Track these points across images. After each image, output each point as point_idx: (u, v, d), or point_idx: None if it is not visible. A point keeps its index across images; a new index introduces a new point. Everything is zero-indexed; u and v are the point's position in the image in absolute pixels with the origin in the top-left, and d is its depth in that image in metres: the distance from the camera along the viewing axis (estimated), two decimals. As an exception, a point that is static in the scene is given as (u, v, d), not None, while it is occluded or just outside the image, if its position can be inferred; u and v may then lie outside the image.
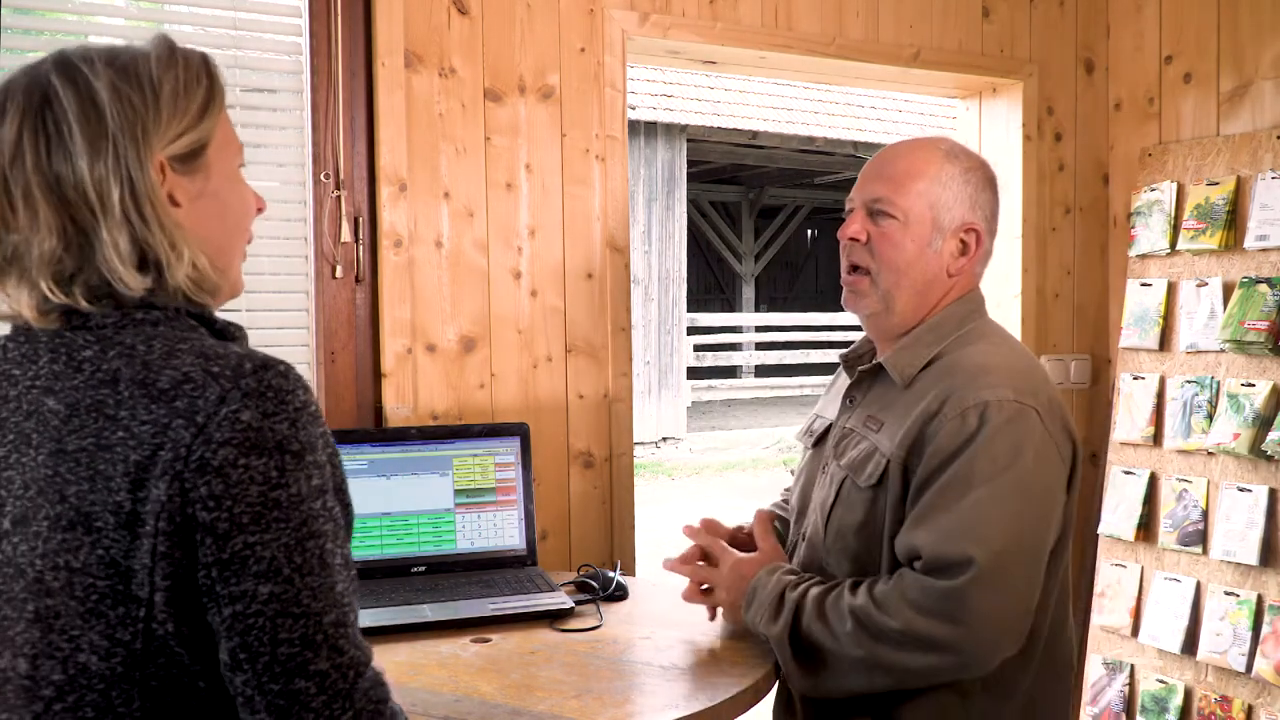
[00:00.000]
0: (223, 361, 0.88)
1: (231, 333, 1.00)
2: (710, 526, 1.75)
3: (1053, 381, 1.57)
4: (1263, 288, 2.43)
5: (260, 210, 1.07)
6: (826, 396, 1.80)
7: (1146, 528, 2.65)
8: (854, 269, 1.59)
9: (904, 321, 1.58)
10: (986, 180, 1.60)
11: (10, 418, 0.92)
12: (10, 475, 0.90)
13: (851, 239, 1.57)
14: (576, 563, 2.26)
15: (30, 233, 0.90)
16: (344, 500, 0.95)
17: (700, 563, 1.68)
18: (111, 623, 0.86)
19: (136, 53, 0.95)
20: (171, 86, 0.94)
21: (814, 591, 1.47)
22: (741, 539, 1.74)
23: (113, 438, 0.86)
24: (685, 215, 11.73)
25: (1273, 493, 2.39)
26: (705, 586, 1.65)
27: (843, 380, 1.74)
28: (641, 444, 10.85)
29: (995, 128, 2.88)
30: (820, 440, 1.69)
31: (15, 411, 0.92)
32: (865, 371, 1.62)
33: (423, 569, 1.94)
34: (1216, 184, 2.59)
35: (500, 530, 2.00)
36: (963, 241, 1.57)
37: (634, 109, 10.69)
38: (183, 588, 0.86)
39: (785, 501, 1.85)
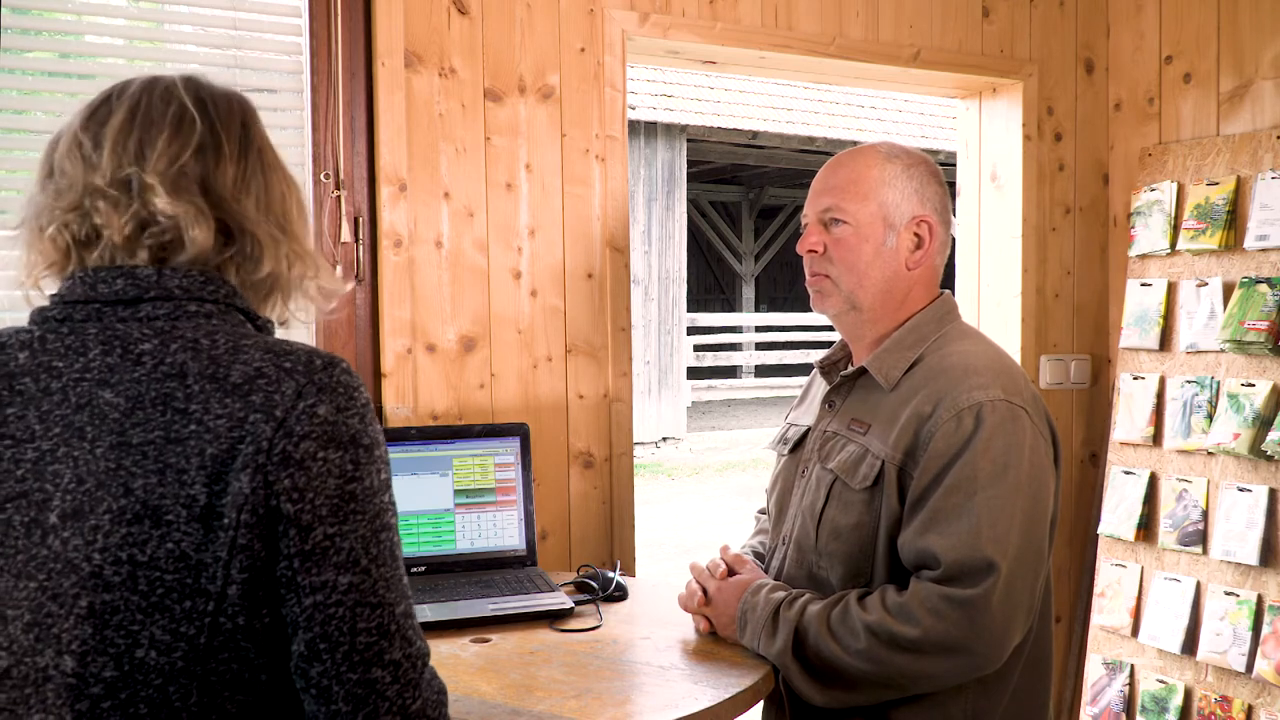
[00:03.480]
0: (293, 357, 0.91)
1: (269, 329, 1.01)
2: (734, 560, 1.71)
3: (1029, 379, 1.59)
4: (1263, 288, 2.43)
5: None
6: (800, 405, 1.81)
7: (1146, 528, 2.65)
8: (815, 274, 1.64)
9: (875, 320, 1.62)
10: (930, 173, 1.63)
11: (55, 410, 0.90)
12: (58, 469, 0.88)
13: (810, 251, 1.63)
14: (576, 563, 2.26)
15: (190, 225, 0.95)
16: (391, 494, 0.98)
17: (700, 588, 1.66)
18: (176, 617, 0.86)
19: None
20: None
21: (814, 608, 1.48)
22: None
23: (184, 431, 0.87)
24: (685, 215, 11.73)
25: (1273, 493, 2.39)
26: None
27: (818, 387, 1.77)
28: (641, 444, 10.85)
29: (995, 128, 2.88)
30: (796, 447, 1.71)
31: (61, 404, 0.90)
32: (846, 376, 1.64)
33: (422, 569, 1.94)
34: (1216, 184, 2.59)
35: (500, 530, 2.00)
36: (916, 235, 1.61)
37: (634, 109, 10.70)
38: (259, 580, 0.87)
39: (761, 544, 1.84)
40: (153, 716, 0.86)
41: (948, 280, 2.12)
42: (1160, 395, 2.66)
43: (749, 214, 16.47)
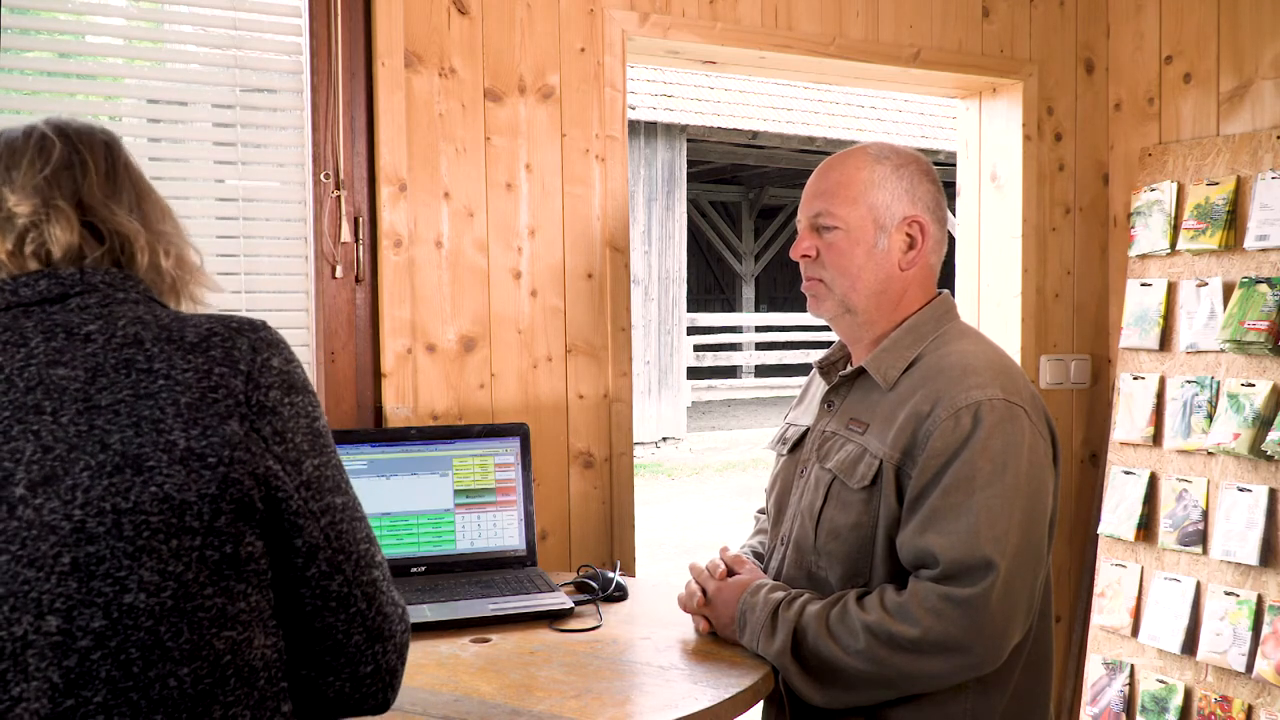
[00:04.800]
0: (235, 320, 1.01)
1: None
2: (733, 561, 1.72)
3: (1028, 378, 1.59)
4: (1263, 288, 2.43)
5: None
6: (799, 406, 1.81)
7: (1146, 528, 2.65)
8: (810, 279, 1.65)
9: (870, 321, 1.62)
10: (922, 172, 1.63)
11: (4, 396, 0.94)
12: (16, 446, 0.92)
13: (803, 257, 1.63)
14: (576, 563, 2.26)
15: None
16: None
17: (699, 589, 1.66)
18: (164, 557, 0.91)
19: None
20: None
21: (813, 608, 1.48)
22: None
23: (154, 386, 0.94)
24: (685, 215, 11.73)
25: (1273, 493, 2.39)
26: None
27: (816, 387, 1.77)
28: (641, 444, 10.85)
29: (995, 128, 2.88)
30: (795, 447, 1.71)
31: (8, 391, 0.94)
32: (845, 376, 1.64)
33: (422, 569, 1.94)
34: (1216, 184, 2.59)
35: (500, 530, 2.00)
36: (909, 235, 1.60)
37: (634, 109, 10.70)
38: (245, 513, 0.95)
39: (760, 544, 1.84)
40: (144, 660, 0.90)
41: (947, 280, 2.12)
42: (1160, 395, 2.66)
43: (749, 214, 16.47)
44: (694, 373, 13.03)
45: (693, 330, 12.87)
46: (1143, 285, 2.73)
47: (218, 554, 0.93)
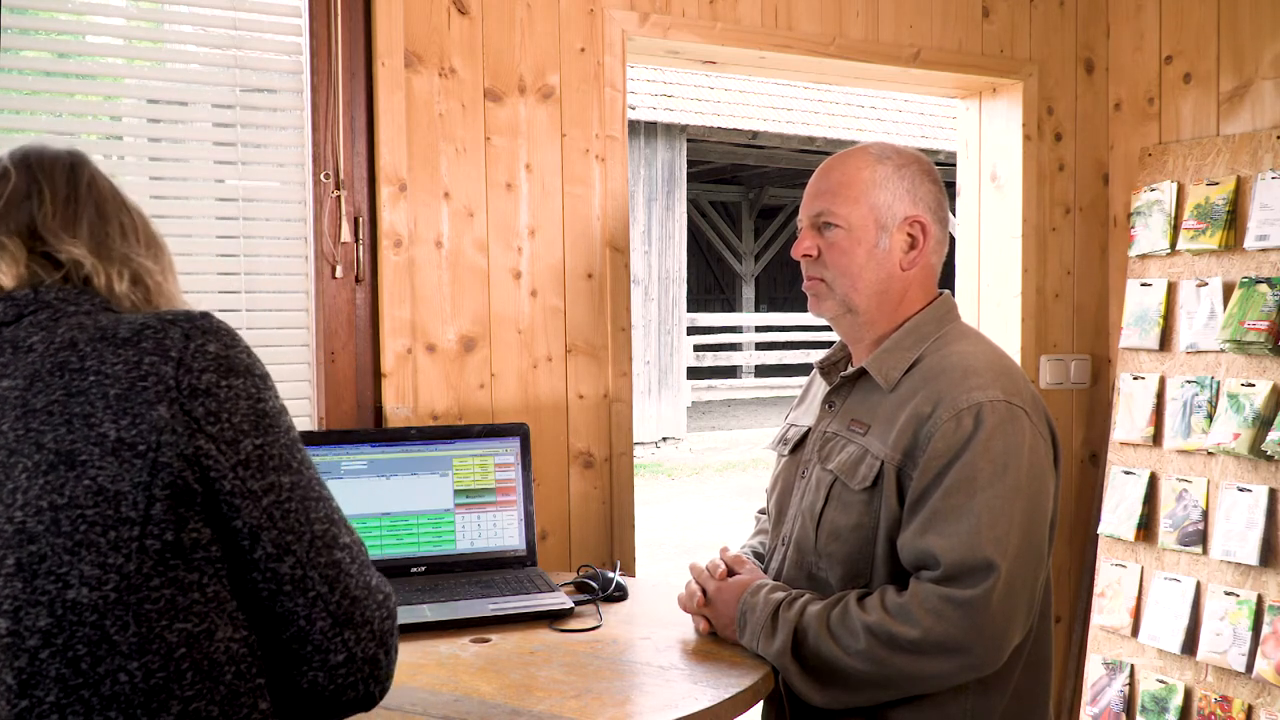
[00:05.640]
0: (173, 313, 1.00)
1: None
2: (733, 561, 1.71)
3: (1029, 379, 1.59)
4: (1263, 288, 2.43)
5: None
6: (800, 406, 1.81)
7: (1146, 528, 2.65)
8: (810, 278, 1.65)
9: (871, 321, 1.62)
10: (923, 172, 1.63)
11: None
12: None
13: (804, 256, 1.63)
14: (576, 563, 2.26)
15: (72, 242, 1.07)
16: None
17: (699, 589, 1.66)
18: (103, 550, 0.90)
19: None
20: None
21: (813, 609, 1.48)
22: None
23: (84, 383, 0.94)
24: (685, 215, 11.73)
25: (1273, 493, 2.39)
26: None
27: (817, 387, 1.77)
28: (641, 444, 10.85)
29: (995, 128, 2.88)
30: (797, 448, 1.71)
31: None
32: (846, 377, 1.63)
33: (422, 569, 1.94)
34: (1216, 184, 2.59)
35: (500, 530, 2.00)
36: (910, 235, 1.60)
37: (634, 109, 10.70)
38: (183, 497, 0.93)
39: (760, 544, 1.84)
40: (92, 656, 0.90)
41: (947, 280, 2.12)
42: (1160, 395, 2.66)
43: (749, 214, 16.47)
44: (694, 373, 13.03)
45: (693, 330, 12.88)
46: (1143, 285, 2.73)
47: (158, 543, 0.92)
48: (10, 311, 1.01)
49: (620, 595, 1.84)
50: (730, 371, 14.61)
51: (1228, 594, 2.45)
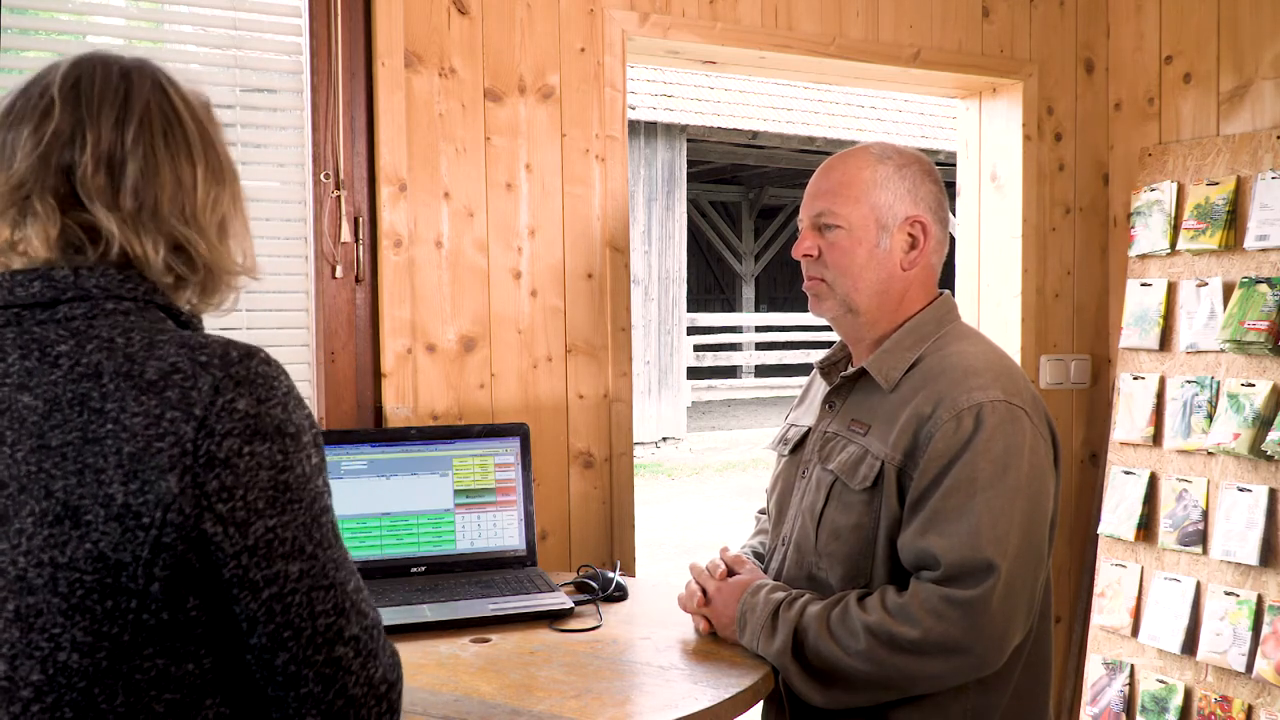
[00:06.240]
0: (208, 351, 0.89)
1: (195, 324, 1.00)
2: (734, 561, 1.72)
3: (1029, 379, 1.59)
4: (1263, 288, 2.43)
5: None
6: (800, 406, 1.81)
7: (1146, 528, 2.65)
8: (811, 278, 1.65)
9: (872, 322, 1.61)
10: (924, 172, 1.63)
11: None
12: None
13: (805, 256, 1.63)
14: (576, 563, 2.26)
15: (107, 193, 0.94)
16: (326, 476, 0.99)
17: (699, 589, 1.66)
18: (98, 617, 0.86)
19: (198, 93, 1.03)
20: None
21: (813, 609, 1.48)
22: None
23: (101, 430, 0.86)
24: (685, 215, 11.73)
25: (1273, 493, 2.39)
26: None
27: (818, 387, 1.77)
28: (641, 444, 10.85)
29: (995, 128, 2.88)
30: (797, 448, 1.71)
31: None
32: (846, 377, 1.63)
33: (422, 569, 1.94)
34: (1216, 184, 2.59)
35: (500, 530, 2.00)
36: (910, 235, 1.60)
37: (634, 109, 10.70)
38: (183, 578, 0.87)
39: (760, 544, 1.84)
40: (79, 719, 0.87)
41: (947, 280, 2.12)
42: (1160, 395, 2.66)
43: (749, 214, 16.47)
44: (694, 373, 13.03)
45: (693, 330, 12.88)
46: (1143, 285, 2.73)
47: (154, 619, 0.87)
48: (47, 293, 0.92)
49: (620, 595, 1.84)
50: (730, 371, 14.61)
51: (1228, 594, 2.45)
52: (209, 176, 0.99)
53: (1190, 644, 2.51)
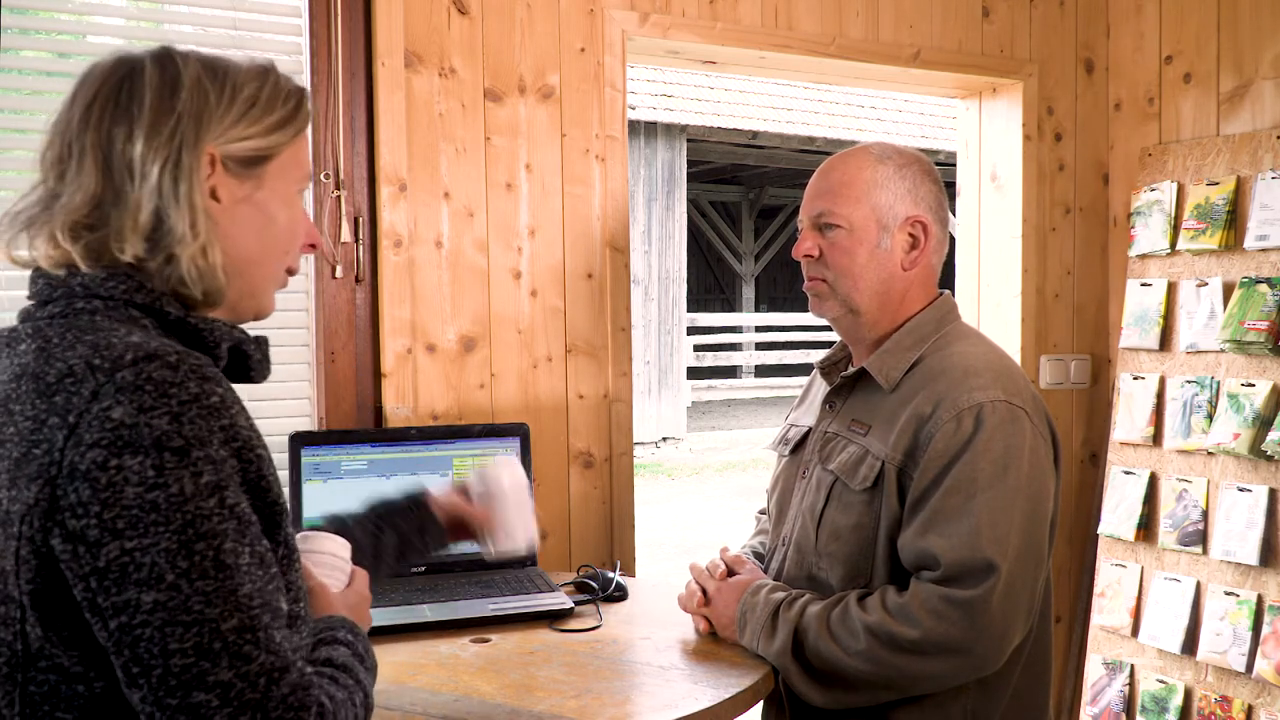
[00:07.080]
0: (107, 352, 0.83)
1: (191, 323, 0.94)
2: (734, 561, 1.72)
3: (1029, 379, 1.59)
4: (1263, 288, 2.43)
5: (313, 247, 1.06)
6: (800, 406, 1.81)
7: (1146, 528, 2.65)
8: (812, 279, 1.64)
9: (873, 322, 1.61)
10: (924, 172, 1.63)
11: None
12: None
13: (806, 256, 1.62)
14: (576, 563, 2.26)
15: (72, 187, 0.91)
16: (265, 495, 0.89)
17: (699, 589, 1.66)
18: None
19: (233, 60, 0.99)
20: (251, 93, 0.97)
21: (813, 609, 1.48)
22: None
23: (5, 433, 0.84)
24: (685, 215, 11.73)
25: (1273, 493, 2.39)
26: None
27: (818, 388, 1.77)
28: (641, 444, 10.85)
29: (995, 128, 2.88)
30: (797, 448, 1.71)
31: None
32: (847, 377, 1.64)
33: (422, 569, 1.94)
34: (1216, 184, 2.59)
35: (500, 530, 2.00)
36: (911, 235, 1.60)
37: (634, 109, 10.69)
38: (47, 596, 0.82)
39: (761, 544, 1.84)
40: None
41: (948, 280, 2.12)
42: (1160, 395, 2.66)
43: (749, 214, 16.47)
44: (694, 373, 13.04)
45: (693, 330, 12.88)
46: (1143, 285, 2.73)
47: (34, 631, 0.83)
48: (44, 291, 0.92)
49: (620, 595, 1.84)
50: (730, 371, 14.62)
51: (1228, 594, 2.45)
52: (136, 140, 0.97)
53: (1190, 644, 2.51)
